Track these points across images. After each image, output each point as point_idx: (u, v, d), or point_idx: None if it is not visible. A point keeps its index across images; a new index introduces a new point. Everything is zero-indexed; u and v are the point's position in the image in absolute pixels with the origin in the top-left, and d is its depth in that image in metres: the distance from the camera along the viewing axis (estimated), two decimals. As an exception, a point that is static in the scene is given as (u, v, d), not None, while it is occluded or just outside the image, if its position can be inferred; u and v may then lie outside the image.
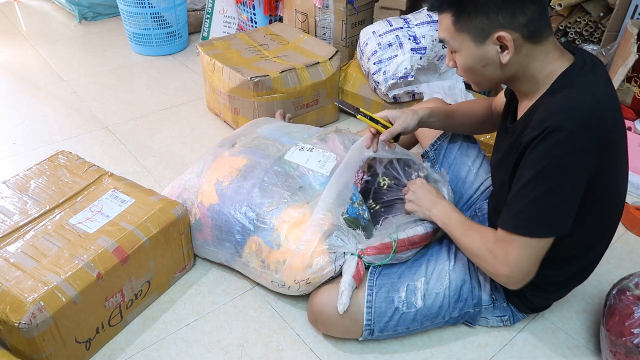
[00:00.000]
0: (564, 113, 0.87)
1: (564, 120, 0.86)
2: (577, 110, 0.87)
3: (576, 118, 0.86)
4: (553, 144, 0.87)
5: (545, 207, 0.91)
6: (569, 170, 0.88)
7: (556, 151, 0.87)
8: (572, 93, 0.90)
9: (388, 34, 1.87)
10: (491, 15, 0.89)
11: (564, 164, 0.87)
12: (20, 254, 1.11)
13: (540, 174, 0.89)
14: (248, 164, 1.32)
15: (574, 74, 0.92)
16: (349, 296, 1.09)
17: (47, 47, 2.71)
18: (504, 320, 1.20)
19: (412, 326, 1.14)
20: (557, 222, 0.92)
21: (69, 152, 1.43)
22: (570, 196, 0.90)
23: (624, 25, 1.81)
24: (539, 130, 0.88)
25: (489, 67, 0.95)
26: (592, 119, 0.87)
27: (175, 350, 1.18)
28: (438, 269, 1.15)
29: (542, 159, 0.88)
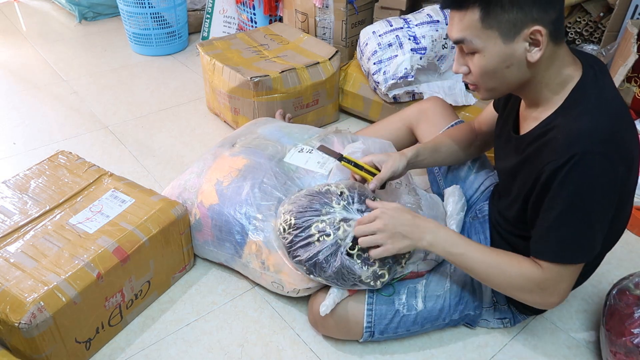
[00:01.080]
0: (589, 136, 0.84)
1: (592, 144, 0.84)
2: (601, 131, 0.85)
3: (602, 139, 0.84)
4: (587, 170, 0.84)
5: (590, 232, 0.89)
6: (605, 190, 0.86)
7: (591, 176, 0.85)
8: (591, 112, 0.87)
9: (388, 34, 1.87)
10: (526, 9, 0.83)
11: (601, 186, 0.86)
12: (20, 254, 1.11)
13: (581, 202, 0.86)
14: (248, 164, 1.32)
15: (588, 86, 0.90)
16: (334, 301, 1.08)
17: (47, 47, 2.71)
18: (504, 322, 1.20)
19: (412, 328, 1.14)
20: (595, 243, 0.91)
21: (69, 152, 1.43)
22: (607, 214, 0.90)
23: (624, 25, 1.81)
24: (567, 157, 0.85)
25: (513, 68, 0.89)
26: (616, 135, 0.86)
27: (175, 350, 1.18)
28: (439, 271, 1.15)
29: (579, 186, 0.85)
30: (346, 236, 1.04)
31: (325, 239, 1.04)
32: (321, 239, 1.04)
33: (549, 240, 0.92)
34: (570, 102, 0.90)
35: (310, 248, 1.06)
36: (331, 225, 1.05)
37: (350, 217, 1.06)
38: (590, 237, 0.90)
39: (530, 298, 0.97)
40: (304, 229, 1.06)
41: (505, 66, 0.89)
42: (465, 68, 0.94)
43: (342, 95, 2.07)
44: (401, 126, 1.49)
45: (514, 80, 0.91)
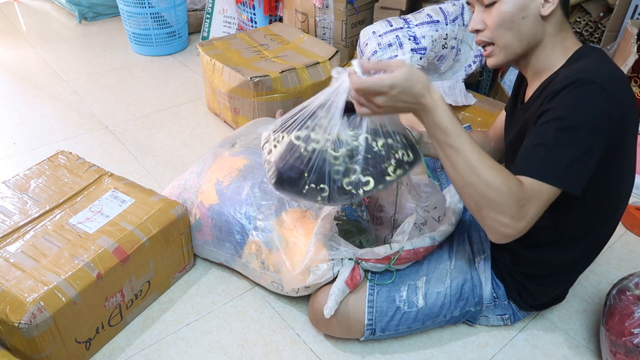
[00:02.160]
0: (594, 71, 0.88)
1: (595, 76, 0.86)
2: (605, 71, 0.89)
3: (606, 76, 0.87)
4: (583, 92, 0.85)
5: (573, 157, 0.86)
6: (598, 118, 0.85)
7: (586, 99, 0.85)
8: (595, 59, 0.94)
9: (388, 34, 1.87)
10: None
11: (594, 112, 0.85)
12: (20, 254, 1.11)
13: (572, 121, 0.85)
14: (248, 164, 1.32)
15: (588, 48, 0.97)
16: (336, 301, 1.08)
17: (47, 47, 2.71)
18: (504, 319, 1.20)
19: (413, 325, 1.14)
20: (579, 176, 0.87)
21: (69, 152, 1.43)
22: (594, 151, 0.87)
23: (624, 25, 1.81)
24: (567, 82, 0.86)
25: (528, 20, 0.94)
26: (619, 82, 0.89)
27: (175, 350, 1.18)
28: (439, 268, 1.15)
29: (573, 109, 0.85)
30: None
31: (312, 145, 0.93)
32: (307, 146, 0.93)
33: (534, 156, 0.88)
34: (571, 60, 0.97)
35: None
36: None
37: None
38: (576, 162, 0.86)
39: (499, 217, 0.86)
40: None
41: (521, 16, 0.94)
42: (482, 24, 0.99)
43: (342, 95, 2.07)
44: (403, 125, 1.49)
45: (527, 34, 0.96)
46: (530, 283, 1.12)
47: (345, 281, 1.10)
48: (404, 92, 0.84)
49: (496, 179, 0.84)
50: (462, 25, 1.86)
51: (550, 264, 1.09)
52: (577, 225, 1.03)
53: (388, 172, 0.95)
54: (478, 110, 1.79)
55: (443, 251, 1.18)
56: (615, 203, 1.05)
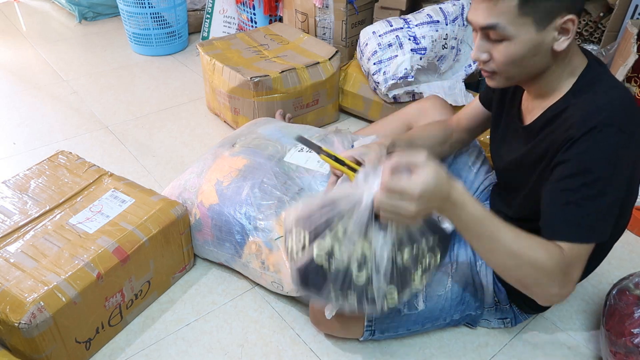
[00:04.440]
0: (607, 110, 0.84)
1: (611, 116, 0.83)
2: (618, 106, 0.85)
3: (620, 110, 0.84)
4: (605, 141, 0.82)
5: (606, 208, 0.85)
6: (621, 165, 0.83)
7: (609, 147, 0.82)
8: (605, 90, 0.88)
9: (388, 34, 1.87)
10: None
11: (617, 159, 0.83)
12: (20, 254, 1.11)
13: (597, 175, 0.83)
14: (248, 164, 1.32)
15: (595, 72, 0.91)
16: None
17: (47, 47, 2.71)
18: (505, 322, 1.20)
19: (413, 328, 1.14)
20: (612, 222, 0.86)
21: (69, 152, 1.43)
22: (620, 193, 0.86)
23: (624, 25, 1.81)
24: (585, 129, 0.83)
25: (539, 57, 0.88)
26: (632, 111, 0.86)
27: (175, 350, 1.18)
28: (440, 271, 1.15)
29: (597, 155, 0.83)
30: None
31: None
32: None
33: (567, 217, 0.85)
34: (581, 84, 0.91)
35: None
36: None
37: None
38: (606, 214, 0.85)
39: (548, 290, 0.86)
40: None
41: (532, 54, 0.87)
42: (487, 55, 0.90)
43: (342, 95, 2.07)
44: (400, 125, 1.49)
45: (535, 69, 0.91)
46: None
47: None
48: (433, 196, 0.78)
49: (539, 257, 0.83)
50: (462, 26, 1.86)
51: None
52: None
53: (414, 279, 0.93)
54: (478, 110, 1.79)
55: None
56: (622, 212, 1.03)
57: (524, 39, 0.85)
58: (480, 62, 0.93)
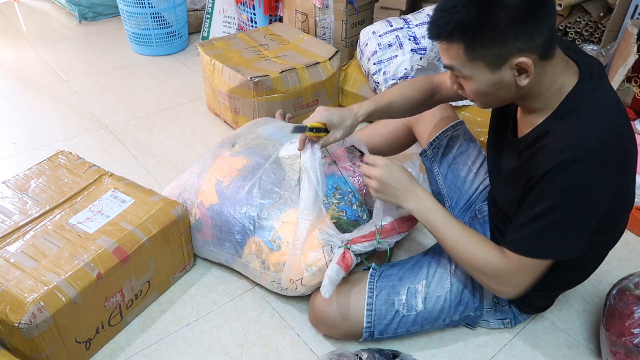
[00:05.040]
0: (580, 145, 0.85)
1: (583, 152, 0.84)
2: (593, 140, 0.85)
3: (593, 148, 0.84)
4: (573, 176, 0.85)
5: (560, 233, 0.90)
6: (590, 199, 0.87)
7: (577, 183, 0.85)
8: (585, 119, 0.87)
9: (388, 35, 1.87)
10: (509, 42, 0.83)
11: (585, 194, 0.86)
12: (20, 254, 1.11)
13: (560, 203, 0.87)
14: (248, 164, 1.32)
15: (583, 94, 0.90)
16: (330, 281, 1.07)
17: (47, 47, 2.71)
18: (505, 322, 1.20)
19: (412, 329, 1.14)
20: (573, 245, 0.92)
21: (69, 152, 1.43)
22: (588, 222, 0.90)
23: (624, 25, 1.81)
24: (556, 162, 0.85)
25: (504, 90, 0.91)
26: (609, 144, 0.86)
27: (175, 350, 1.18)
28: (439, 272, 1.15)
29: (562, 189, 0.86)
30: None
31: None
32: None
33: (519, 233, 0.94)
34: (564, 108, 0.90)
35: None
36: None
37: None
38: (563, 238, 0.91)
39: (487, 282, 1.01)
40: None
41: (495, 89, 0.91)
42: (457, 86, 0.96)
43: (342, 95, 2.07)
44: (400, 125, 1.49)
45: (508, 98, 0.94)
46: (532, 290, 1.11)
47: (337, 262, 1.09)
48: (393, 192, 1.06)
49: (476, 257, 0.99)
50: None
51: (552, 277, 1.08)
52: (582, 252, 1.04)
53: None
54: (478, 110, 1.79)
55: (444, 255, 1.17)
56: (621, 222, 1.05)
57: (480, 79, 0.89)
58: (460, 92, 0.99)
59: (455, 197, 1.35)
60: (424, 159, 1.41)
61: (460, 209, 1.35)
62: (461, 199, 1.35)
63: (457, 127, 1.37)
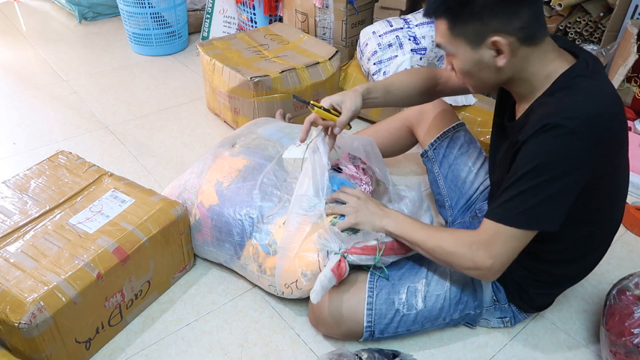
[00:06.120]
0: (566, 112, 0.86)
1: (566, 119, 0.85)
2: (579, 110, 0.86)
3: (579, 117, 0.85)
4: (552, 140, 0.86)
5: (537, 200, 0.89)
6: (566, 167, 0.87)
7: (555, 146, 0.86)
8: (574, 93, 0.89)
9: (388, 35, 1.87)
10: (486, 20, 0.88)
11: (562, 160, 0.87)
12: (20, 254, 1.11)
13: (537, 167, 0.88)
14: (248, 164, 1.32)
15: (575, 75, 0.92)
16: (322, 286, 1.05)
17: (47, 47, 2.71)
18: (504, 321, 1.20)
19: (412, 328, 1.14)
20: (546, 216, 0.91)
21: (69, 152, 1.43)
22: (563, 194, 0.89)
23: (624, 25, 1.81)
24: (538, 126, 0.87)
25: (486, 71, 0.95)
26: (595, 120, 0.86)
27: (175, 350, 1.18)
28: (439, 270, 1.15)
29: (540, 153, 0.88)
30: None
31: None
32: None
33: (499, 201, 0.94)
34: (555, 86, 0.93)
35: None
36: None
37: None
38: (536, 207, 0.90)
39: (461, 261, 0.98)
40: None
41: (478, 69, 0.95)
42: (450, 67, 1.01)
43: (342, 95, 2.06)
44: (401, 126, 1.49)
45: (491, 80, 0.98)
46: (531, 287, 1.12)
47: (332, 269, 1.08)
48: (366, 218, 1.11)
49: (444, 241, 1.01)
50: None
51: (550, 273, 1.09)
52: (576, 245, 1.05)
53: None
54: (478, 110, 1.79)
55: None
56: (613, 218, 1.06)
57: (463, 57, 0.95)
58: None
59: (455, 197, 1.36)
60: (425, 159, 1.41)
61: (460, 208, 1.35)
62: (461, 199, 1.35)
63: (457, 128, 1.38)
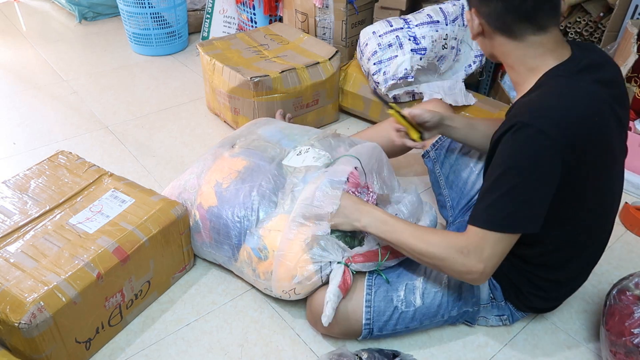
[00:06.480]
0: (534, 111, 0.89)
1: (533, 118, 0.88)
2: (547, 110, 0.89)
3: (546, 116, 0.88)
4: (521, 140, 0.88)
5: (514, 203, 0.91)
6: (537, 167, 0.89)
7: (524, 147, 0.88)
8: (548, 92, 0.92)
9: (388, 35, 1.86)
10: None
11: (532, 160, 0.88)
12: (20, 254, 1.11)
13: (509, 169, 0.90)
14: (248, 165, 1.32)
15: (557, 74, 0.93)
16: (333, 308, 1.07)
17: (47, 47, 2.71)
18: (502, 319, 1.20)
19: (411, 325, 1.14)
20: (526, 218, 0.93)
21: (69, 152, 1.43)
22: (539, 193, 0.91)
23: (624, 25, 1.81)
24: (509, 124, 0.90)
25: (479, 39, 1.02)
26: (563, 119, 0.88)
27: (175, 350, 1.18)
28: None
29: (511, 155, 0.90)
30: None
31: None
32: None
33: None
34: (535, 85, 0.95)
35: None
36: None
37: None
38: (515, 210, 0.91)
39: (452, 265, 0.97)
40: None
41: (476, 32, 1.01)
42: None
43: (342, 95, 2.07)
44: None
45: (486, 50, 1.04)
46: (525, 286, 1.12)
47: (339, 286, 1.09)
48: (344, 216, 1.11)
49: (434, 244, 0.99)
50: (462, 26, 1.86)
51: (539, 276, 1.10)
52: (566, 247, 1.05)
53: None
54: (478, 110, 1.79)
55: None
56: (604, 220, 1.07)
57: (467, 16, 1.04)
58: None
59: (456, 197, 1.36)
60: (426, 160, 1.41)
61: (461, 209, 1.35)
62: (462, 200, 1.35)
63: None
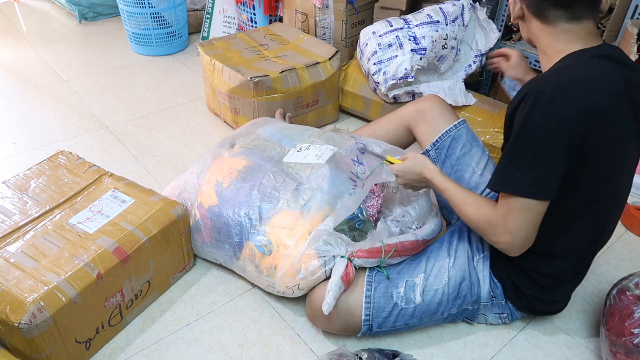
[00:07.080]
0: (545, 80, 0.94)
1: (544, 85, 0.92)
2: (558, 78, 0.93)
3: (556, 83, 0.92)
4: (532, 105, 0.91)
5: (528, 164, 0.94)
6: (548, 131, 0.91)
7: (535, 111, 0.91)
8: (561, 67, 0.96)
9: (388, 35, 1.86)
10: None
11: (543, 124, 0.91)
12: (20, 254, 1.11)
13: (521, 133, 0.93)
14: (248, 165, 1.32)
15: (577, 56, 0.96)
16: (334, 297, 1.08)
17: (47, 47, 2.71)
18: (502, 317, 1.21)
19: (410, 322, 1.14)
20: (540, 181, 0.94)
21: (69, 152, 1.43)
22: (551, 157, 0.93)
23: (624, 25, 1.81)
24: (524, 93, 0.94)
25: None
26: (574, 87, 0.91)
27: (175, 350, 1.18)
28: (437, 265, 1.15)
29: (524, 119, 0.92)
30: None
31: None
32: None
33: (497, 171, 1.01)
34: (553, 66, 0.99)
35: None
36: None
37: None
38: (529, 171, 0.94)
39: (486, 235, 1.04)
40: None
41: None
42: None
43: (342, 95, 2.07)
44: (399, 126, 1.48)
45: (524, 34, 1.06)
46: (525, 287, 1.12)
47: (341, 277, 1.09)
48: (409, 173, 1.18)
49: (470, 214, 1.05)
50: (462, 26, 1.86)
51: (542, 273, 1.09)
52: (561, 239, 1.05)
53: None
54: (478, 110, 1.79)
55: (442, 249, 1.18)
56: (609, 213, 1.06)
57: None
58: None
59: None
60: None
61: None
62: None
63: (459, 127, 1.36)
